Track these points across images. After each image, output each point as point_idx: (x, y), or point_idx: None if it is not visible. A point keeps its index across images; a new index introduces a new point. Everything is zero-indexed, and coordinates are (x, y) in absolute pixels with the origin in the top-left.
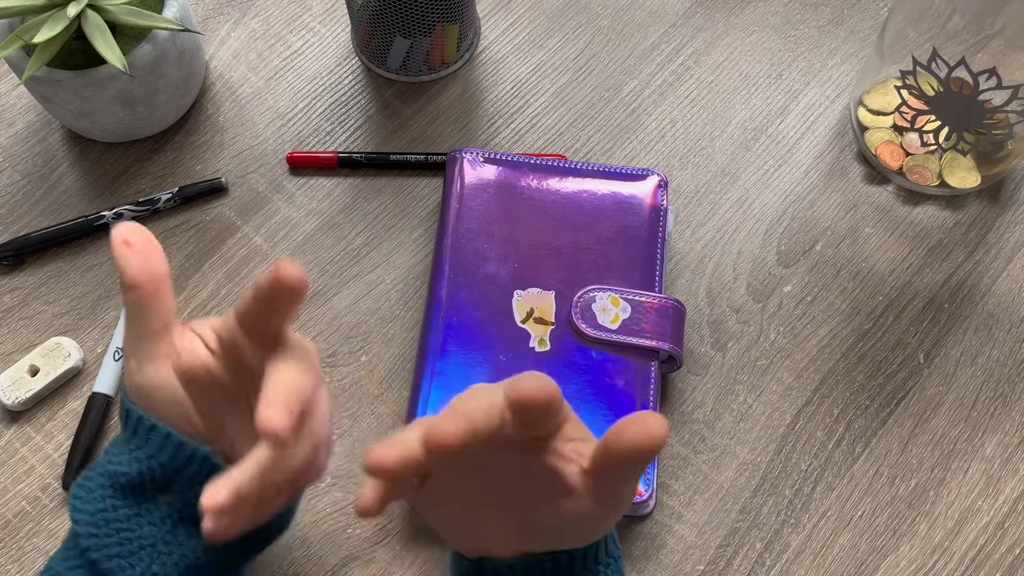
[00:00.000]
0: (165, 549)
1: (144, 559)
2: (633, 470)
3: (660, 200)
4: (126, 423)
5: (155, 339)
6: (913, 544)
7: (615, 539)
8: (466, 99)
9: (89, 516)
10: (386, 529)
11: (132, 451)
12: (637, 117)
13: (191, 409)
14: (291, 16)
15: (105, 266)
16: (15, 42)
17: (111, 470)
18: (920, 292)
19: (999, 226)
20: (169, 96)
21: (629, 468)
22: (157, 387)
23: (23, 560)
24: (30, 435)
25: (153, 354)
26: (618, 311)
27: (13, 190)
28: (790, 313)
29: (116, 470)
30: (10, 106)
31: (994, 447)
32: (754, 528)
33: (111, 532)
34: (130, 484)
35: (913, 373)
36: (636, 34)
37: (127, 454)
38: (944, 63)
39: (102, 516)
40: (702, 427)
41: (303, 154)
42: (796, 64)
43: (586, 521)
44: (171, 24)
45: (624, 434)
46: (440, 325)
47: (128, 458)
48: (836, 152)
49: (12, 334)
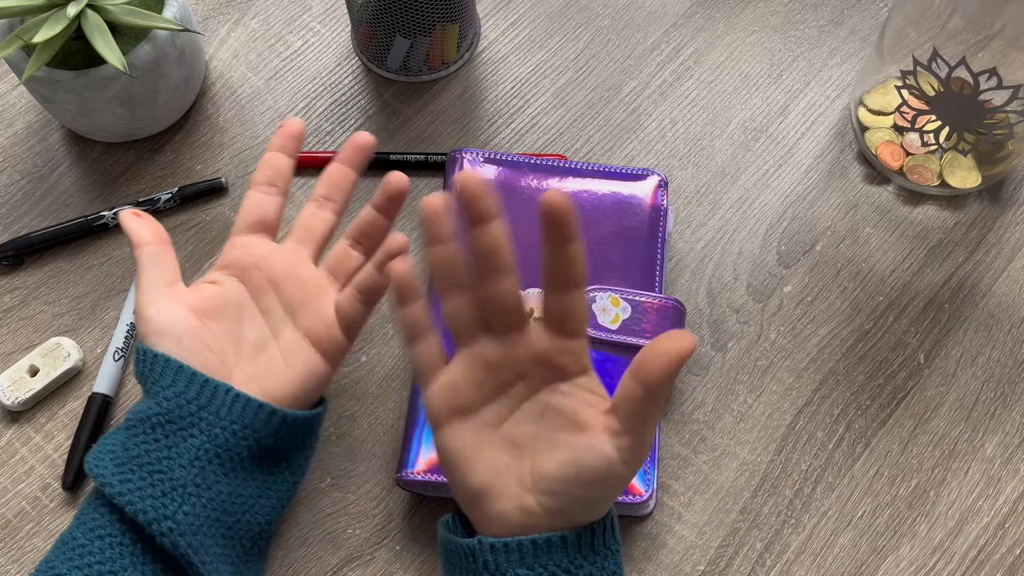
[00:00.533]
0: (195, 491)
1: (176, 499)
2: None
3: (660, 200)
4: (149, 371)
5: (169, 287)
6: (913, 544)
7: (615, 531)
8: (466, 99)
9: (119, 465)
10: (386, 529)
11: (158, 393)
12: (637, 117)
13: (209, 339)
14: (291, 16)
15: (105, 266)
16: (15, 42)
17: (138, 416)
18: (920, 292)
19: (999, 226)
20: (169, 96)
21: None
22: (176, 320)
23: (23, 560)
24: (30, 435)
25: (170, 298)
26: (618, 311)
27: (13, 190)
28: (790, 313)
29: (147, 413)
30: (10, 106)
31: (994, 447)
32: (754, 528)
33: (144, 475)
34: (160, 422)
35: (913, 373)
36: (636, 34)
37: (151, 399)
38: (944, 63)
39: (135, 461)
40: (702, 427)
41: (303, 154)
42: (796, 64)
43: (598, 470)
44: (171, 24)
45: (658, 343)
46: (440, 325)
47: (154, 401)
48: (836, 152)
49: (12, 334)
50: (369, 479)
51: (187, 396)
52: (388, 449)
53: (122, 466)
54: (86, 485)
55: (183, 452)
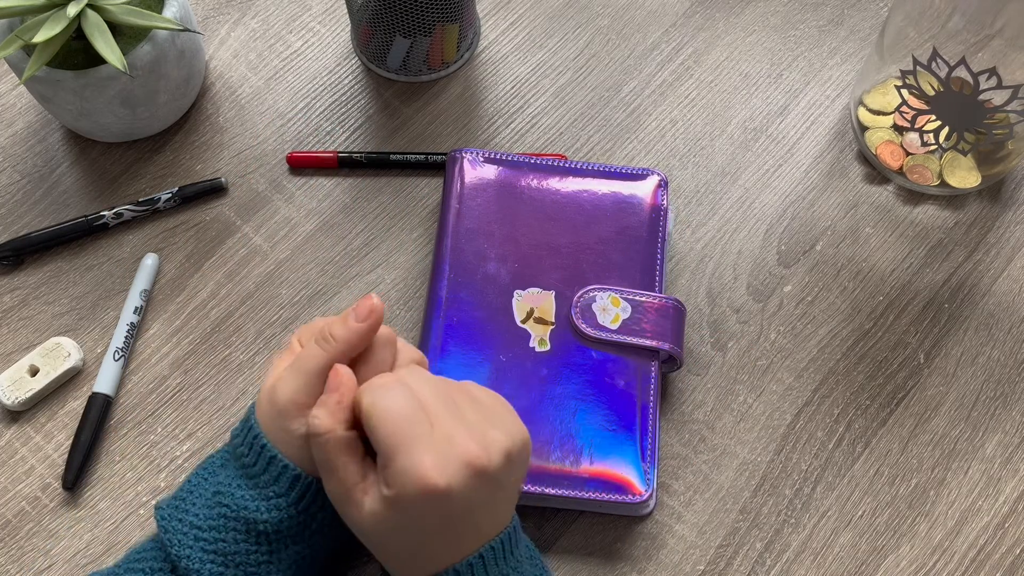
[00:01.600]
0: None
1: None
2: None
3: (660, 200)
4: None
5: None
6: (913, 544)
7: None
8: (466, 99)
9: (211, 555)
10: None
11: (267, 496)
12: (637, 117)
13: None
14: (291, 16)
15: (105, 266)
16: (15, 42)
17: (247, 516)
18: (920, 292)
19: (999, 226)
20: (169, 96)
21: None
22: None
23: (23, 560)
24: (30, 435)
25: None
26: (618, 311)
27: (13, 190)
28: (790, 313)
29: (254, 517)
30: (10, 106)
31: (994, 447)
32: (754, 528)
33: (239, 574)
34: (266, 531)
35: (913, 373)
36: (636, 34)
37: (262, 500)
38: (944, 63)
39: (232, 559)
40: (702, 427)
41: (303, 154)
42: (796, 64)
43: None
44: (171, 24)
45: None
46: (440, 325)
47: (265, 505)
48: (836, 152)
49: (12, 334)
50: None
51: (299, 507)
52: None
53: (213, 555)
54: (86, 485)
55: (284, 559)
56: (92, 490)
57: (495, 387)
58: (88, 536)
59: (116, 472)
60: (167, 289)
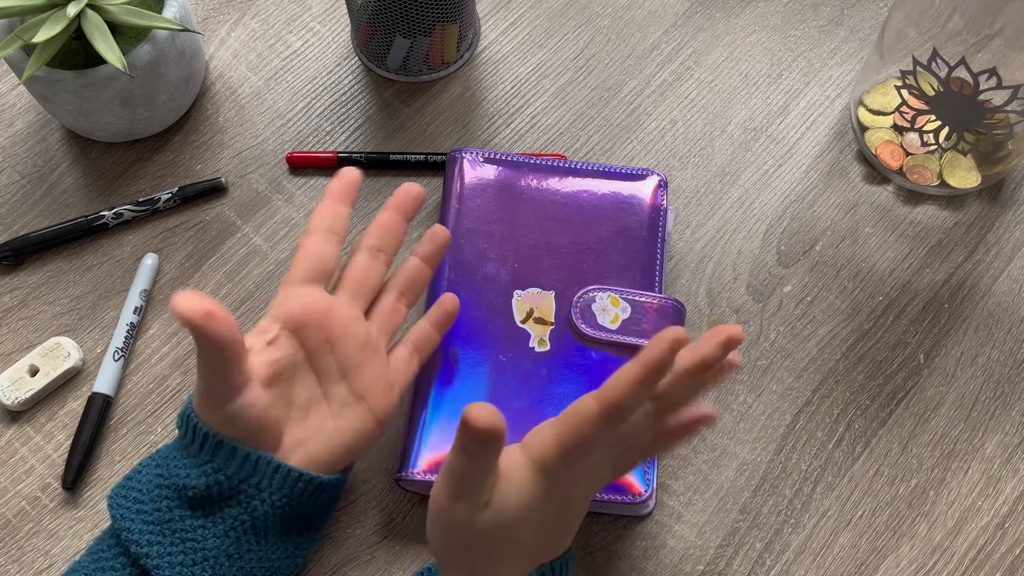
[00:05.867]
0: (227, 562)
1: (207, 570)
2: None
3: (660, 200)
4: (191, 440)
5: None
6: (913, 544)
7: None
8: (466, 99)
9: (149, 525)
10: (386, 529)
11: (200, 464)
12: (637, 117)
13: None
14: (291, 16)
15: (105, 266)
16: (15, 42)
17: (178, 482)
18: (920, 292)
19: (999, 226)
20: (169, 96)
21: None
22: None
23: (23, 560)
24: (30, 435)
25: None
26: (618, 311)
27: (13, 190)
28: (790, 313)
29: (184, 483)
30: (10, 106)
31: (994, 447)
32: (754, 528)
33: (176, 542)
34: (198, 496)
35: (913, 373)
36: (636, 34)
37: (194, 467)
38: (944, 63)
39: (168, 526)
40: None
41: (303, 154)
42: (796, 64)
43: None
44: (171, 24)
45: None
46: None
47: (196, 471)
48: (836, 152)
49: (12, 334)
50: (369, 479)
51: (227, 472)
52: (388, 449)
53: (151, 525)
54: (86, 485)
55: (218, 522)
56: (92, 490)
57: (495, 387)
58: (88, 536)
59: (116, 472)
60: (167, 289)
